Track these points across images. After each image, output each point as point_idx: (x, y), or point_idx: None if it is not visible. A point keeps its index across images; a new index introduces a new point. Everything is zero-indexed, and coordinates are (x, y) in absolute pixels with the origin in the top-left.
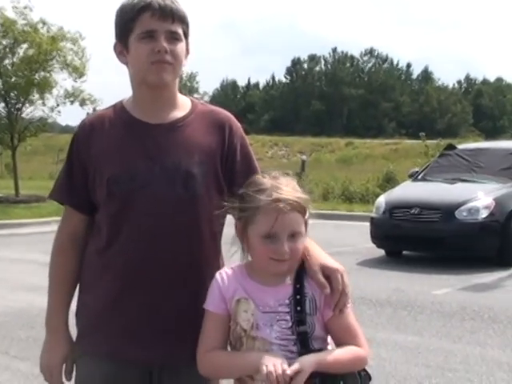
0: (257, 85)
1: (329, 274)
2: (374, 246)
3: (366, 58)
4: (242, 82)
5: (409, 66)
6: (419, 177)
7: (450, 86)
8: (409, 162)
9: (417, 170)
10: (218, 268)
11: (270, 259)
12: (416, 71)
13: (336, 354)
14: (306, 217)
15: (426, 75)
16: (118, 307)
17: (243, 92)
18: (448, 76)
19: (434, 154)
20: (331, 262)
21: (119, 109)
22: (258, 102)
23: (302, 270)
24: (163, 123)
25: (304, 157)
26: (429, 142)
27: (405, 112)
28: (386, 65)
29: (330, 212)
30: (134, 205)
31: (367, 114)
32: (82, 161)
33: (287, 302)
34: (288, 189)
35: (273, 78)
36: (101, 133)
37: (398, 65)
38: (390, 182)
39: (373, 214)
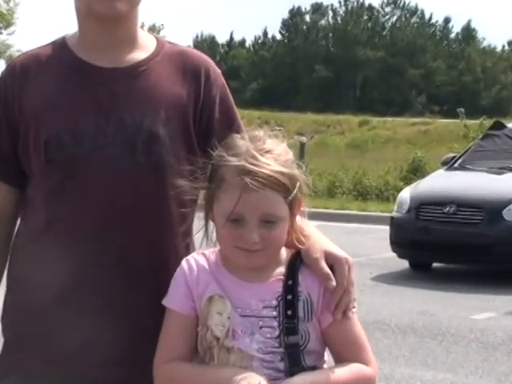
0: (242, 42)
1: (333, 262)
2: (394, 255)
3: (388, 10)
4: (222, 38)
5: (446, 21)
6: (456, 164)
7: (499, 48)
8: (443, 148)
9: (453, 155)
10: None
11: (235, 248)
12: (455, 28)
13: (336, 375)
14: (291, 197)
15: (468, 34)
16: (60, 313)
17: (224, 52)
18: (496, 36)
19: (477, 137)
20: (337, 250)
21: (60, 47)
22: (244, 66)
23: (297, 261)
24: (119, 67)
25: (303, 139)
26: (470, 121)
27: (438, 82)
28: (414, 19)
29: (337, 212)
30: (79, 176)
31: (388, 85)
32: (9, 117)
33: (274, 303)
34: (266, 158)
35: (264, 33)
36: (35, 79)
37: (430, 19)
38: (417, 173)
39: (394, 214)
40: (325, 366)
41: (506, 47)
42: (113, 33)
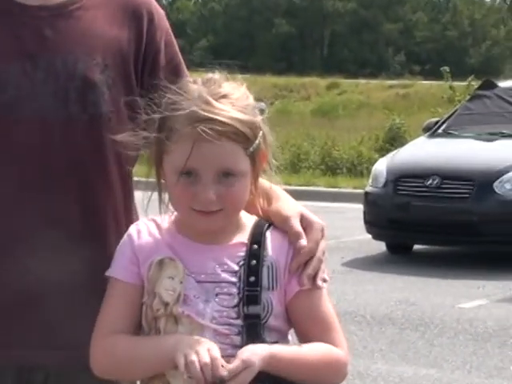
0: None
1: (307, 226)
2: (369, 237)
3: None
4: None
5: None
6: (439, 130)
7: None
8: (425, 114)
9: (436, 120)
10: None
11: (190, 210)
12: None
13: (301, 350)
14: (253, 148)
15: None
16: None
17: (167, 3)
18: None
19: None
20: (314, 216)
21: None
22: (191, 20)
23: (264, 224)
24: (48, 5)
25: (262, 105)
26: (456, 83)
27: (419, 38)
28: None
29: (302, 189)
30: (3, 131)
31: (361, 41)
32: None
33: (235, 267)
34: (222, 103)
35: None
36: None
37: None
38: (395, 143)
39: (368, 188)
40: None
41: None
42: None
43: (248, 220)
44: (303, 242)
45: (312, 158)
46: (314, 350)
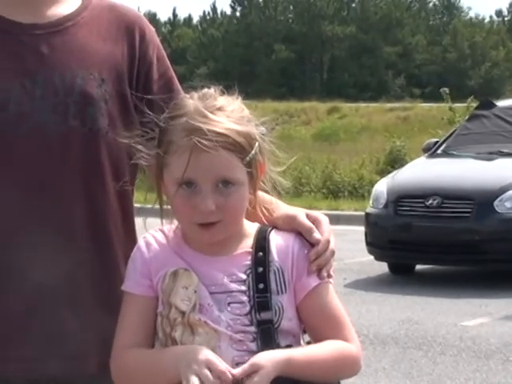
0: (188, 20)
1: (313, 220)
2: (371, 258)
3: None
4: (164, 16)
5: None
6: (439, 150)
7: (487, 19)
8: (425, 136)
9: (435, 140)
10: (133, 247)
11: (191, 224)
12: None
13: (314, 352)
14: (249, 157)
15: (449, 4)
16: None
17: (167, 31)
18: (484, 4)
19: None
20: (313, 212)
21: None
22: (191, 48)
23: (267, 229)
24: (41, 23)
25: (263, 130)
26: (456, 105)
27: (419, 61)
28: None
29: None
30: (4, 147)
31: (360, 65)
32: None
33: (243, 276)
34: (217, 115)
35: (213, 8)
36: None
37: None
38: (395, 165)
39: (369, 209)
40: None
41: (495, 18)
42: None
43: (251, 228)
44: (317, 235)
45: (313, 182)
46: (326, 349)
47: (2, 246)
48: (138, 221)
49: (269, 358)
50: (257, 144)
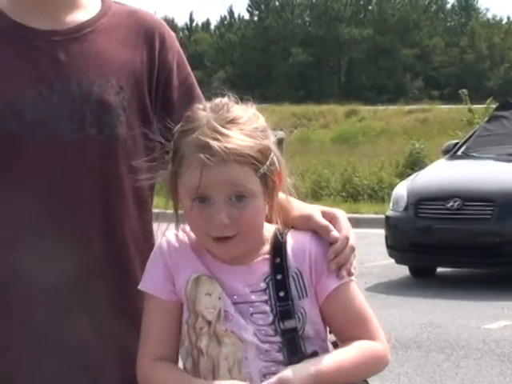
0: (206, 24)
1: (330, 217)
2: (392, 261)
3: None
4: (182, 21)
5: None
6: (459, 152)
7: (505, 20)
8: (444, 138)
9: (455, 142)
10: (148, 254)
11: (207, 236)
12: None
13: (340, 358)
14: (263, 169)
15: (467, 5)
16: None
17: (185, 36)
18: (501, 5)
19: None
20: (329, 209)
21: None
22: (209, 52)
23: (282, 232)
24: (60, 29)
25: (281, 133)
26: (475, 106)
27: (437, 63)
28: None
29: None
30: (20, 156)
31: (378, 68)
32: None
33: (263, 285)
34: (229, 129)
35: (230, 12)
36: None
37: None
38: (415, 168)
39: (389, 212)
40: (330, 349)
41: None
42: None
43: (268, 231)
44: (335, 233)
45: (333, 185)
46: (353, 353)
47: (14, 251)
48: (157, 226)
49: (297, 374)
50: (272, 154)
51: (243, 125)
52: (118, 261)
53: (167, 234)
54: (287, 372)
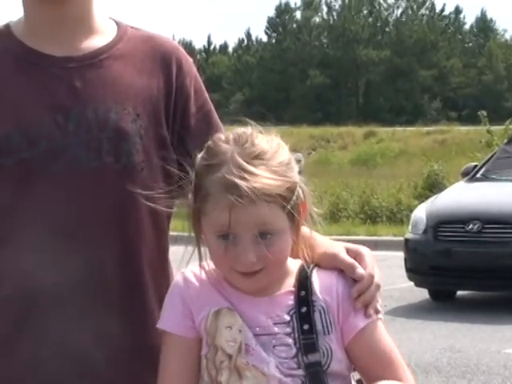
0: (224, 47)
1: (355, 255)
2: (411, 284)
3: (391, 1)
4: (200, 43)
5: (457, 11)
6: (478, 175)
7: None
8: (463, 160)
9: (474, 164)
10: (167, 284)
11: (232, 270)
12: (468, 19)
13: None
14: (290, 205)
15: (484, 25)
16: (12, 350)
17: (202, 59)
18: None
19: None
20: (353, 245)
21: (4, 35)
22: (226, 74)
23: (309, 268)
24: (75, 56)
25: (299, 156)
26: (494, 127)
27: (455, 84)
28: (423, 11)
29: (342, 238)
30: (35, 184)
31: (396, 89)
32: None
33: (287, 318)
34: (255, 166)
35: (247, 35)
36: None
37: (442, 11)
38: (434, 189)
39: (408, 235)
40: None
41: None
42: (62, 15)
43: (293, 265)
44: (360, 270)
45: (351, 207)
46: None
47: (29, 282)
48: (175, 249)
49: None
50: (298, 188)
51: (269, 160)
52: (135, 296)
53: (184, 270)
54: None
